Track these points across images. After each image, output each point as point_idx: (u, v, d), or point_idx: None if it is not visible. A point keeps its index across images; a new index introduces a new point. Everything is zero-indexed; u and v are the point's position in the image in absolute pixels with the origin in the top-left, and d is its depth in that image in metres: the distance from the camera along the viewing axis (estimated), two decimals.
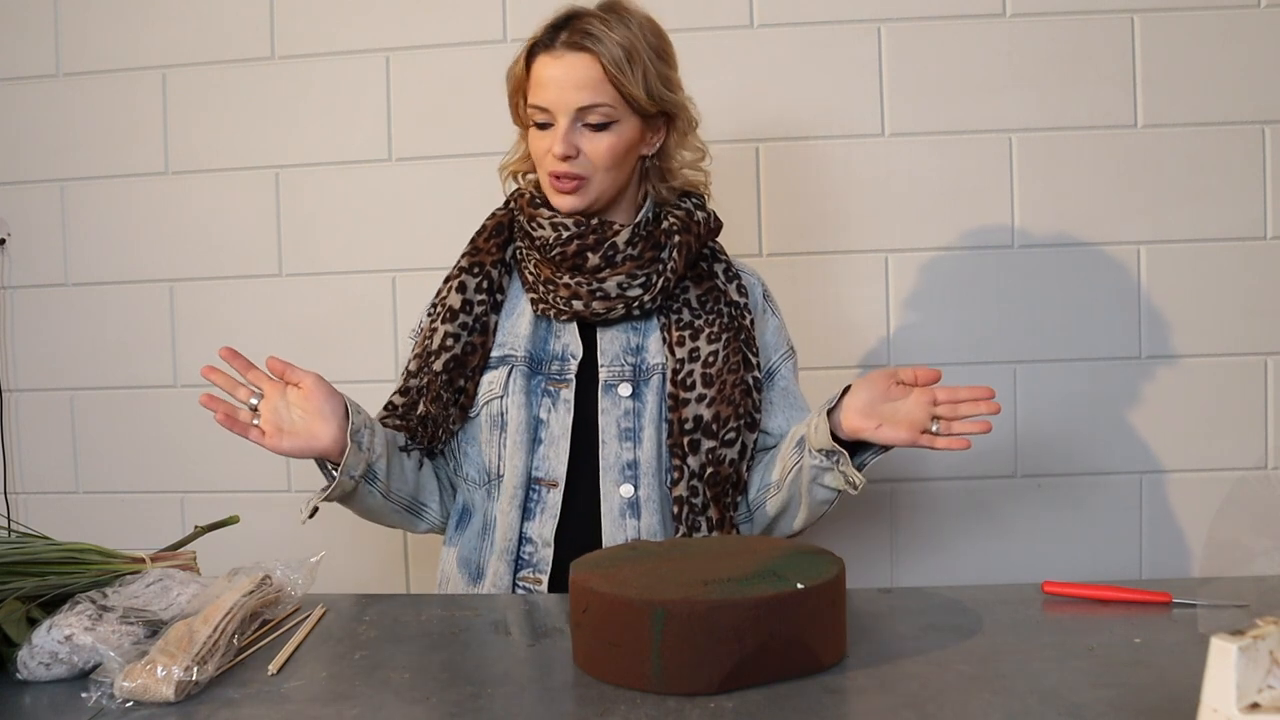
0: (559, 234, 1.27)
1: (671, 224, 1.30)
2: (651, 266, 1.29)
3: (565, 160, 1.24)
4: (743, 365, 1.29)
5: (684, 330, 1.29)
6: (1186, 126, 1.73)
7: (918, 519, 1.80)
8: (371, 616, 1.06)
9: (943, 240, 1.77)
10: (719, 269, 1.34)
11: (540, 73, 1.24)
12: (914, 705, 0.78)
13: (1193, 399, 1.76)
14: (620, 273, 1.27)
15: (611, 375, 1.30)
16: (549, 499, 1.27)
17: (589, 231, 1.27)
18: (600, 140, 1.25)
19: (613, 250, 1.27)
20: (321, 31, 1.83)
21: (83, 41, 1.87)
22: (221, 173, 1.86)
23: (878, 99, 1.76)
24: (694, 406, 1.26)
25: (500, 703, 0.82)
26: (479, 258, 1.34)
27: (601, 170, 1.26)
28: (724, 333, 1.29)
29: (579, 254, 1.27)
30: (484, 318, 1.32)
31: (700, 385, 1.27)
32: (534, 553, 1.27)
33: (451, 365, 1.29)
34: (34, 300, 1.91)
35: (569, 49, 1.22)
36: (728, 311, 1.31)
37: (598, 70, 1.22)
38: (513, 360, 1.31)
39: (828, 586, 0.87)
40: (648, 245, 1.29)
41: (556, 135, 1.23)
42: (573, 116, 1.23)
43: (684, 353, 1.28)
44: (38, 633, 0.90)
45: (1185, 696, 0.69)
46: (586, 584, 0.87)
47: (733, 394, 1.27)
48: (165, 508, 1.89)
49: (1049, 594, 1.04)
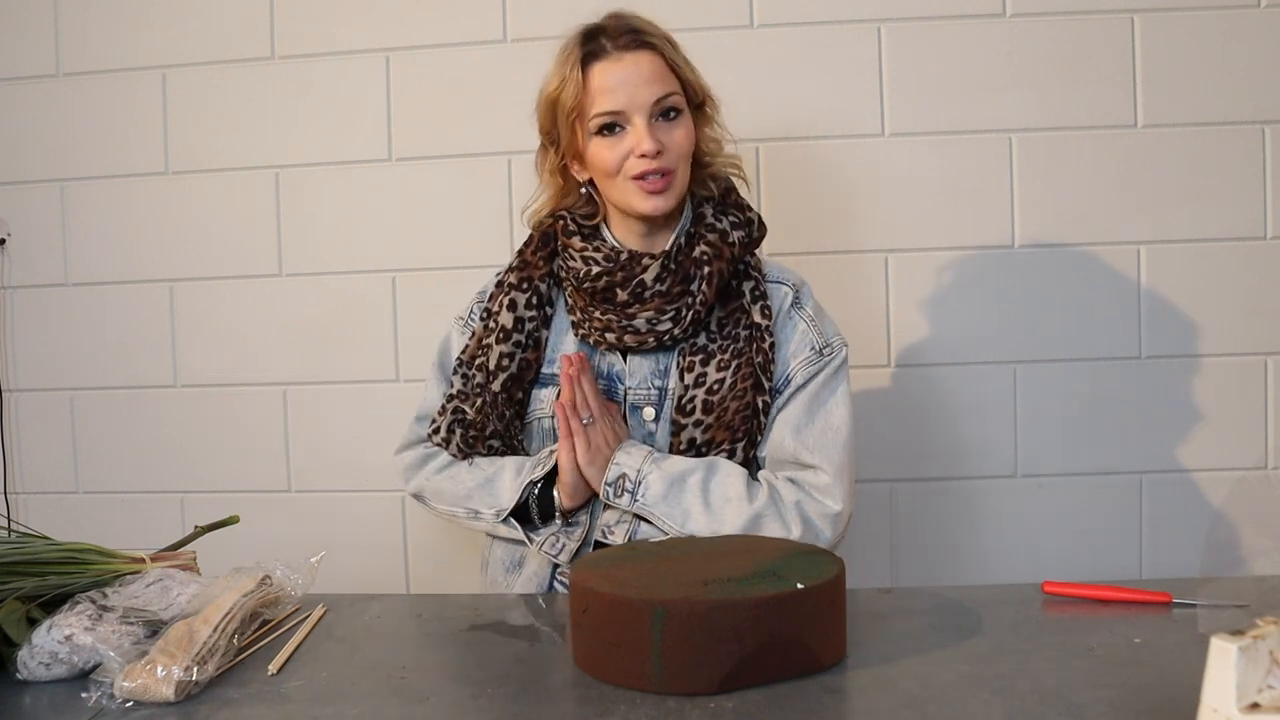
0: (589, 269, 1.28)
1: (703, 253, 1.28)
2: (680, 300, 1.27)
3: (656, 156, 1.23)
4: (751, 390, 1.27)
5: (696, 356, 1.28)
6: (1186, 126, 1.73)
7: (918, 519, 1.80)
8: (371, 616, 1.06)
9: (943, 240, 1.77)
10: (747, 288, 1.31)
11: (603, 80, 1.23)
12: (914, 705, 0.78)
13: (1193, 399, 1.76)
14: (649, 308, 1.27)
15: (637, 398, 1.30)
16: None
17: (617, 268, 1.27)
18: (677, 129, 1.25)
19: (640, 287, 1.26)
20: (321, 31, 1.83)
21: (83, 41, 1.87)
22: (221, 173, 1.86)
23: (878, 99, 1.76)
24: (690, 430, 1.26)
25: (500, 703, 0.82)
26: (527, 272, 1.34)
27: (682, 162, 1.26)
28: (735, 359, 1.27)
29: (608, 289, 1.27)
30: (536, 333, 1.33)
31: (700, 411, 1.26)
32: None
33: (510, 384, 1.31)
34: (34, 300, 1.91)
35: (627, 49, 1.23)
36: (745, 335, 1.28)
37: (661, 62, 1.24)
38: (557, 380, 1.31)
39: (828, 586, 0.87)
40: (676, 279, 1.27)
41: (639, 133, 1.23)
42: (649, 111, 1.23)
43: (691, 379, 1.27)
44: (38, 633, 0.90)
45: (1185, 696, 0.69)
46: (586, 584, 0.87)
47: (733, 420, 1.26)
48: (165, 508, 1.89)
49: (1049, 594, 1.04)
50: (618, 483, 1.24)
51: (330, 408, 1.86)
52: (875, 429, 1.80)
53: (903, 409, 1.78)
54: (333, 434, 1.85)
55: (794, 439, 1.27)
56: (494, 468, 1.31)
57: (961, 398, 1.78)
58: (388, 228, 1.84)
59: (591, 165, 1.28)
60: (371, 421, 1.83)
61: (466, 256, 1.80)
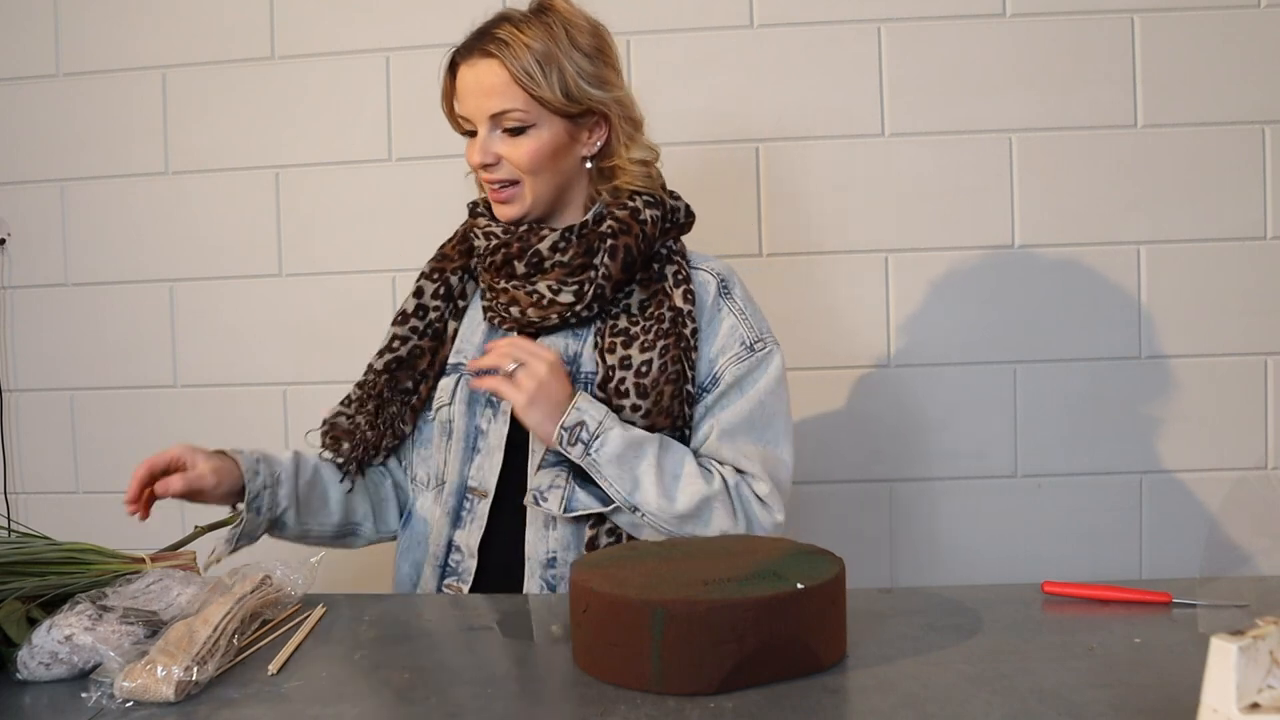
0: (488, 243, 1.27)
1: (609, 226, 1.23)
2: (583, 274, 1.24)
3: (485, 168, 1.24)
4: (680, 376, 1.22)
5: (617, 337, 1.23)
6: (1186, 126, 1.73)
7: (918, 519, 1.80)
8: (371, 616, 1.06)
9: (943, 240, 1.77)
10: (669, 271, 1.26)
11: (459, 82, 1.25)
12: (914, 705, 0.78)
13: (1193, 399, 1.76)
14: (550, 278, 1.24)
15: None
16: (479, 509, 1.26)
17: (514, 239, 1.25)
18: (519, 145, 1.23)
19: (537, 257, 1.24)
20: (321, 31, 1.83)
21: (83, 41, 1.87)
22: (221, 173, 1.86)
23: (878, 99, 1.76)
24: (628, 414, 1.20)
25: (500, 703, 0.82)
26: (442, 264, 1.35)
27: (529, 175, 1.24)
28: (660, 340, 1.22)
29: (506, 262, 1.25)
30: (438, 323, 1.32)
31: (634, 395, 1.20)
32: (460, 561, 1.26)
33: (394, 366, 1.31)
34: (34, 300, 1.91)
35: (479, 56, 1.22)
36: (670, 318, 1.23)
37: (503, 75, 1.21)
38: (462, 368, 1.30)
39: (828, 586, 0.87)
40: (578, 250, 1.23)
41: (476, 144, 1.24)
42: (489, 123, 1.23)
43: (614, 360, 1.22)
44: (38, 633, 0.90)
45: (1185, 696, 0.69)
46: (586, 584, 0.87)
47: (670, 405, 1.21)
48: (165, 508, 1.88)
49: (1049, 594, 1.04)
50: (575, 429, 1.17)
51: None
52: (875, 429, 1.80)
53: (903, 409, 1.78)
54: None
55: (729, 445, 1.23)
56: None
57: (961, 398, 1.78)
58: (388, 228, 1.84)
59: None
60: None
61: None
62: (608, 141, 1.27)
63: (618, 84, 1.27)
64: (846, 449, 1.80)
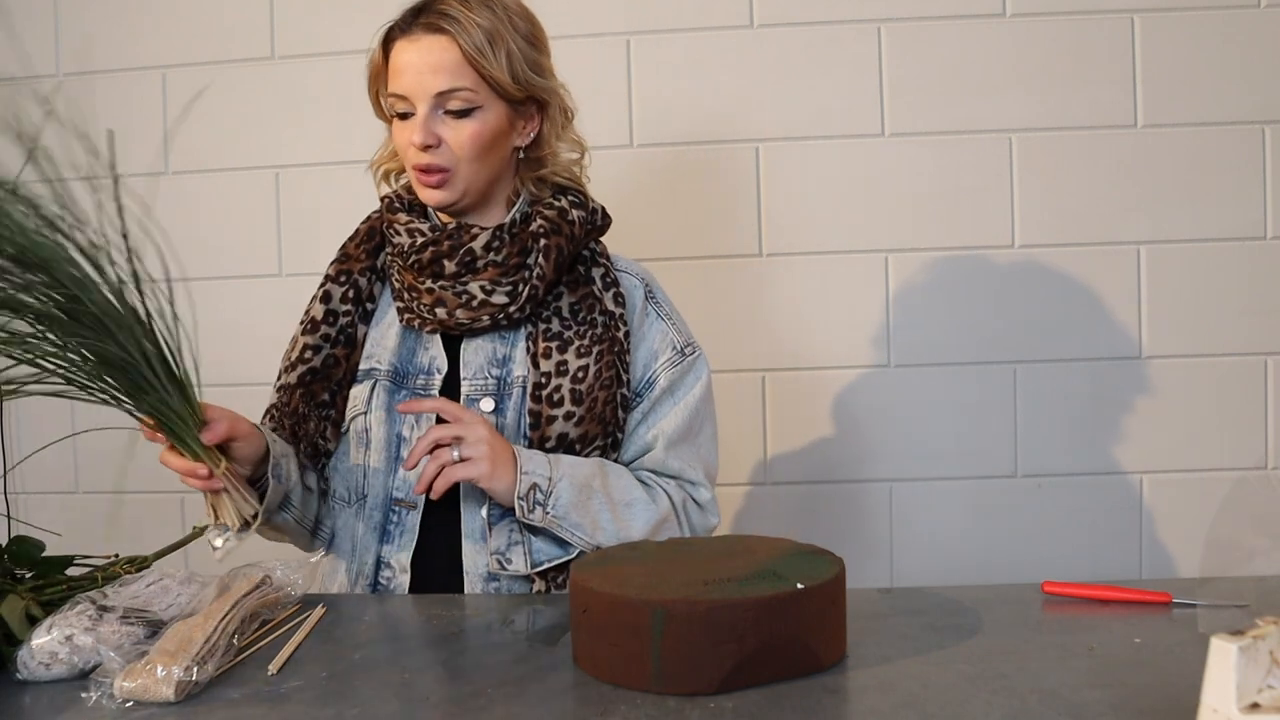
0: (414, 240, 1.20)
1: (539, 226, 1.20)
2: (517, 274, 1.20)
3: (426, 150, 1.16)
4: (615, 381, 1.20)
5: (551, 342, 1.20)
6: (1186, 126, 1.73)
7: (918, 519, 1.80)
8: (371, 616, 1.06)
9: (943, 240, 1.77)
10: (597, 274, 1.24)
11: (397, 59, 1.17)
12: (914, 705, 0.78)
13: (1193, 399, 1.76)
14: (483, 278, 1.19)
15: (474, 389, 1.21)
16: (408, 521, 1.20)
17: (444, 237, 1.19)
18: (463, 128, 1.16)
19: (470, 256, 1.19)
20: (321, 31, 1.83)
21: (83, 41, 1.87)
22: (221, 173, 1.86)
23: (878, 99, 1.76)
24: (560, 424, 1.17)
25: (500, 703, 0.82)
26: (347, 265, 1.27)
27: (466, 161, 1.18)
28: (595, 345, 1.20)
29: (435, 261, 1.19)
30: (350, 329, 1.25)
31: (569, 402, 1.18)
32: (391, 578, 1.21)
33: (309, 378, 1.22)
34: None
35: (425, 31, 1.15)
36: (602, 321, 1.21)
37: (455, 52, 1.15)
38: (377, 374, 1.24)
39: (828, 586, 0.87)
40: (513, 250, 1.19)
41: (416, 124, 1.16)
42: (432, 103, 1.16)
43: (550, 366, 1.18)
44: (37, 632, 0.90)
45: (1185, 696, 0.69)
46: (586, 584, 0.87)
47: (603, 411, 1.19)
48: (165, 508, 1.89)
49: (1049, 594, 1.04)
50: (530, 493, 1.13)
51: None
52: (875, 429, 1.80)
53: (903, 409, 1.78)
54: None
55: (674, 456, 1.24)
56: None
57: (961, 398, 1.78)
58: None
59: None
60: None
61: None
62: (540, 132, 1.24)
63: (554, 74, 1.24)
64: (847, 449, 1.80)
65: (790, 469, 1.81)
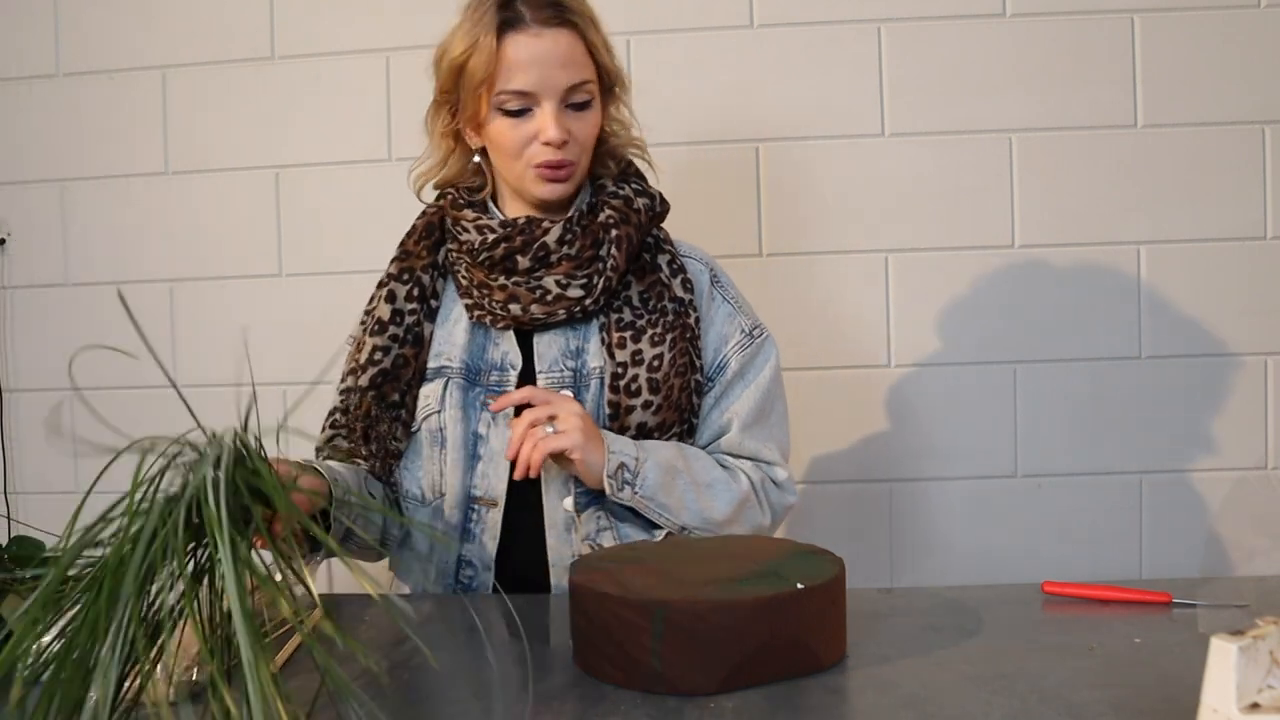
0: (484, 237, 1.19)
1: (609, 216, 1.19)
2: (591, 266, 1.19)
3: (561, 146, 1.15)
4: (688, 368, 1.20)
5: (625, 331, 1.19)
6: (1186, 126, 1.73)
7: (918, 519, 1.80)
8: (371, 616, 1.06)
9: (943, 240, 1.77)
10: (663, 261, 1.24)
11: (516, 55, 1.13)
12: (914, 705, 0.78)
13: (1193, 399, 1.76)
14: (558, 272, 1.18)
15: (550, 383, 1.20)
16: (489, 519, 1.19)
17: (516, 233, 1.18)
18: (586, 119, 1.17)
19: (543, 250, 1.18)
20: (321, 31, 1.83)
21: (83, 41, 1.87)
22: (221, 173, 1.86)
23: (878, 99, 1.76)
24: (639, 414, 1.17)
25: (500, 703, 0.82)
26: (409, 262, 1.26)
27: (586, 152, 1.19)
28: (668, 333, 1.19)
29: (507, 257, 1.18)
30: (416, 328, 1.23)
31: (647, 391, 1.18)
32: (473, 576, 1.20)
33: (379, 380, 1.21)
34: (34, 300, 1.91)
35: (548, 25, 1.13)
36: (672, 309, 1.21)
37: (580, 45, 1.15)
38: (448, 372, 1.22)
39: (828, 586, 0.87)
40: (585, 242, 1.18)
41: (546, 119, 1.14)
42: (560, 97, 1.15)
43: (625, 355, 1.18)
44: None
45: (1185, 696, 0.69)
46: (586, 584, 0.87)
47: (679, 398, 1.20)
48: None
49: (1049, 594, 1.04)
50: (618, 473, 1.13)
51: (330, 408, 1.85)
52: (875, 429, 1.80)
53: (903, 409, 1.78)
54: None
55: (750, 438, 1.24)
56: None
57: (961, 398, 1.78)
58: (388, 228, 1.83)
59: (491, 141, 1.19)
60: None
61: None
62: (605, 114, 1.24)
63: None
64: (846, 449, 1.80)
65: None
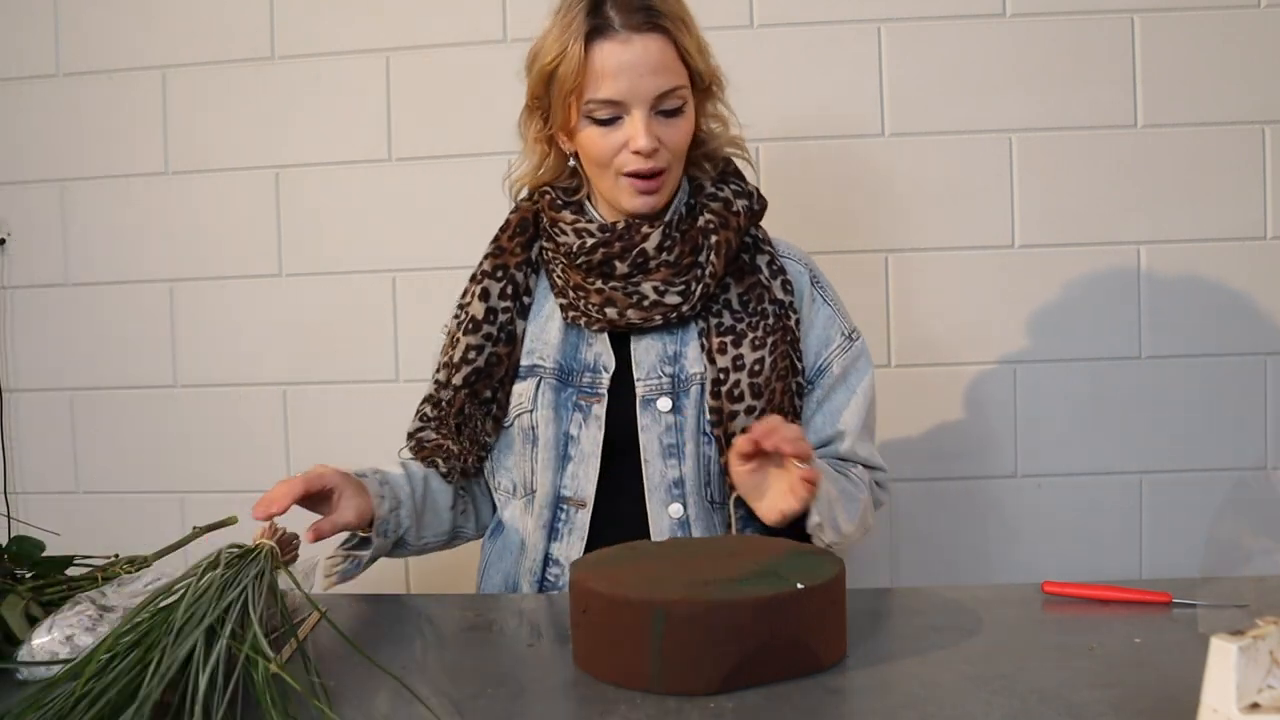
0: (583, 241, 1.17)
1: (708, 221, 1.18)
2: (689, 273, 1.17)
3: (651, 155, 1.12)
4: (790, 371, 1.19)
5: (725, 336, 1.17)
6: (1186, 126, 1.73)
7: (918, 519, 1.80)
8: (371, 616, 1.06)
9: (943, 240, 1.77)
10: (762, 262, 1.22)
11: (605, 62, 1.10)
12: (914, 705, 0.78)
13: (1193, 399, 1.75)
14: (656, 278, 1.17)
15: (649, 389, 1.19)
16: (577, 519, 1.19)
17: (614, 238, 1.16)
18: (677, 127, 1.14)
19: (642, 257, 1.16)
20: (321, 31, 1.83)
21: (83, 41, 1.87)
22: (221, 173, 1.86)
23: (878, 99, 1.76)
24: (742, 419, 1.15)
25: (500, 703, 0.82)
26: (503, 259, 1.24)
27: (678, 160, 1.17)
28: (769, 336, 1.18)
29: (606, 262, 1.17)
30: (510, 325, 1.22)
31: (749, 397, 1.16)
32: (560, 575, 1.20)
33: (474, 379, 1.21)
34: (34, 300, 1.91)
35: (637, 30, 1.11)
36: (773, 311, 1.19)
37: (672, 50, 1.12)
38: (541, 371, 1.22)
39: (828, 586, 0.87)
40: (684, 249, 1.17)
41: (636, 127, 1.12)
42: (650, 104, 1.12)
43: (727, 361, 1.16)
44: (38, 632, 0.90)
45: (1185, 696, 0.69)
46: (586, 584, 0.87)
47: (782, 402, 1.18)
48: (165, 508, 1.89)
49: (1049, 594, 1.04)
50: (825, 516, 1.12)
51: (330, 408, 1.85)
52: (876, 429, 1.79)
53: (903, 409, 1.78)
54: (333, 434, 1.85)
55: (863, 445, 1.26)
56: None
57: (961, 398, 1.78)
58: (388, 228, 1.84)
59: (581, 149, 1.18)
60: (371, 421, 1.82)
61: (467, 256, 1.78)
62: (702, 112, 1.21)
63: None
64: None
65: None
